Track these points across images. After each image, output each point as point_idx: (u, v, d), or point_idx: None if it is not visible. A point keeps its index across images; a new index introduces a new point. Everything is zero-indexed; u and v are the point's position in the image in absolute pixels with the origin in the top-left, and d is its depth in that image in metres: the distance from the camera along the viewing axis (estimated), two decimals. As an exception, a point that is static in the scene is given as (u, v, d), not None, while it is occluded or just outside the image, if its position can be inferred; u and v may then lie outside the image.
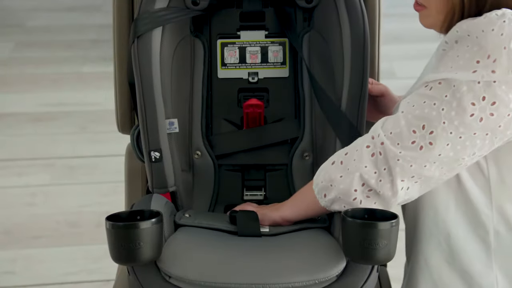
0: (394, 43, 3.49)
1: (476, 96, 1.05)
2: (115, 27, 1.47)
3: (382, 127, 1.13)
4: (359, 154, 1.14)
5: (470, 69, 1.05)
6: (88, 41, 3.99)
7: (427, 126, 1.08)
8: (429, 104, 1.08)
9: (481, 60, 1.04)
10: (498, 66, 1.03)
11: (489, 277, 1.19)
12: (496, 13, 1.05)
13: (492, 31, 1.03)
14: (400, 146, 1.10)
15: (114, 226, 1.09)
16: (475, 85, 1.05)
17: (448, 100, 1.06)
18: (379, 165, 1.12)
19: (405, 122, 1.10)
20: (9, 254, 2.35)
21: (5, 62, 3.74)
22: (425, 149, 1.09)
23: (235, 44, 1.45)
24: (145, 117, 1.34)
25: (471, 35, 1.06)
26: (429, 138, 1.08)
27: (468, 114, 1.06)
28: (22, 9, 4.41)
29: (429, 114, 1.08)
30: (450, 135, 1.07)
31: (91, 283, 2.24)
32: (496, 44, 1.03)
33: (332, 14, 1.38)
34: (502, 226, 1.17)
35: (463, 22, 1.08)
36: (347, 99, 1.34)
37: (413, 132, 1.09)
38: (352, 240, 1.10)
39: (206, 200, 1.44)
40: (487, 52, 1.03)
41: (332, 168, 1.17)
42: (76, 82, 3.55)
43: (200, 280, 1.12)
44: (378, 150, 1.12)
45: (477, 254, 1.19)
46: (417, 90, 1.13)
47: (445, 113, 1.07)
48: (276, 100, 1.45)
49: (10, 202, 2.63)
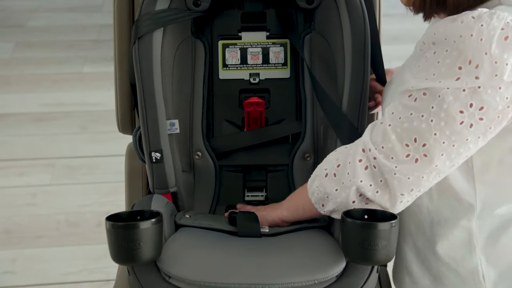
0: (394, 43, 3.49)
1: (463, 104, 1.04)
2: (116, 27, 1.48)
3: (372, 139, 1.12)
4: (352, 168, 1.13)
5: (454, 77, 1.03)
6: (89, 42, 3.99)
7: (419, 138, 1.08)
8: (417, 116, 1.07)
9: (462, 66, 1.02)
10: (481, 72, 1.01)
11: (473, 261, 1.20)
12: (472, 16, 1.03)
13: (471, 37, 1.01)
14: (394, 161, 1.10)
15: (114, 226, 1.10)
16: (460, 93, 1.04)
17: (436, 111, 1.06)
18: (375, 177, 1.12)
19: (396, 136, 1.09)
20: (9, 254, 2.35)
21: (5, 62, 3.74)
22: (420, 161, 1.09)
23: (236, 45, 1.45)
24: (146, 118, 1.34)
25: (448, 39, 1.04)
26: (423, 150, 1.08)
27: (458, 122, 1.05)
28: (23, 10, 4.41)
29: (418, 127, 1.07)
30: (443, 145, 1.07)
31: (91, 283, 2.24)
32: (476, 49, 1.01)
33: (333, 15, 1.38)
34: (485, 213, 1.18)
35: (441, 24, 1.06)
36: (348, 100, 1.35)
37: (406, 146, 1.09)
38: (351, 240, 1.10)
39: (207, 201, 1.44)
40: (468, 57, 1.02)
41: (326, 181, 1.17)
42: (76, 82, 3.55)
43: (199, 280, 1.12)
44: (372, 163, 1.12)
45: (460, 240, 1.20)
46: (400, 99, 1.11)
47: (434, 124, 1.06)
48: (277, 101, 1.45)
49: (10, 202, 2.63)
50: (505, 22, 1.02)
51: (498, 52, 1.01)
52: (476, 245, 1.19)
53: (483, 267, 1.20)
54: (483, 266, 1.20)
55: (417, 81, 1.08)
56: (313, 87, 1.39)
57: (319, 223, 1.28)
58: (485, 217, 1.18)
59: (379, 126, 1.13)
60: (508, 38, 1.01)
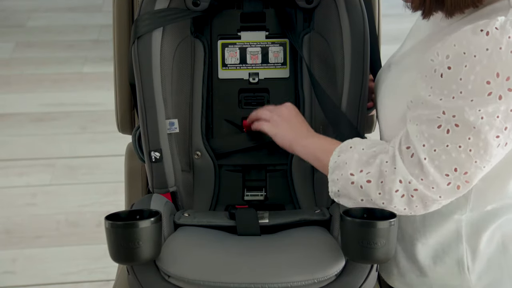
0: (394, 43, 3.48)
1: (498, 129, 1.04)
2: (115, 27, 1.48)
3: (409, 171, 1.10)
4: (388, 194, 1.11)
5: (484, 92, 1.02)
6: (89, 42, 3.99)
7: (459, 168, 1.07)
8: (455, 148, 1.06)
9: (491, 80, 1.01)
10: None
11: (459, 251, 1.22)
12: (495, 27, 1.01)
13: (500, 50, 1.00)
14: (436, 191, 1.09)
15: (113, 226, 1.10)
16: (495, 121, 1.03)
17: (473, 142, 1.05)
18: (410, 203, 1.12)
19: (435, 169, 1.08)
20: (9, 254, 2.36)
21: (5, 62, 3.74)
22: (462, 187, 1.09)
23: (236, 45, 1.45)
24: (145, 117, 1.34)
25: (468, 53, 1.02)
26: (464, 177, 1.08)
27: (495, 147, 1.05)
28: (23, 10, 4.41)
29: (458, 158, 1.06)
30: (484, 168, 1.08)
31: (91, 283, 2.24)
32: (505, 62, 1.00)
33: (332, 14, 1.38)
34: (476, 207, 1.19)
35: (461, 36, 1.03)
36: (348, 99, 1.35)
37: (446, 176, 1.08)
38: (351, 239, 1.10)
39: (206, 200, 1.44)
40: (495, 70, 1.00)
41: (351, 188, 1.15)
42: (76, 82, 3.55)
43: (199, 279, 1.12)
44: (409, 193, 1.11)
45: (449, 231, 1.22)
46: (428, 129, 1.07)
47: (474, 153, 1.05)
48: (276, 100, 1.45)
49: (10, 202, 2.63)
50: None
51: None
52: (463, 235, 1.21)
53: (468, 258, 1.21)
54: (468, 258, 1.21)
55: (445, 102, 1.05)
56: (312, 87, 1.39)
57: (319, 215, 1.29)
58: (476, 210, 1.20)
59: (412, 155, 1.10)
60: None
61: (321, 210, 1.31)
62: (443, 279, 1.25)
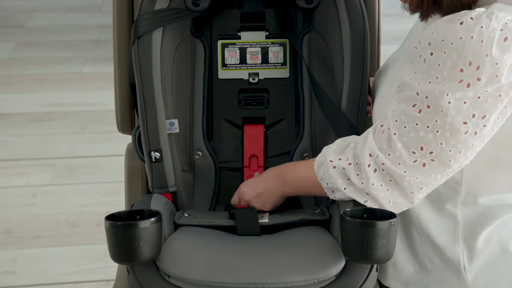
0: (394, 43, 3.48)
1: (466, 116, 1.05)
2: (115, 27, 1.48)
3: (377, 145, 1.13)
4: (363, 171, 1.14)
5: (456, 79, 1.04)
6: (89, 42, 4.00)
7: (425, 147, 1.09)
8: (423, 127, 1.09)
9: (464, 68, 1.03)
10: (483, 73, 1.02)
11: (456, 250, 1.22)
12: (471, 17, 1.03)
13: (472, 39, 1.02)
14: (402, 166, 1.11)
15: (113, 226, 1.10)
16: (462, 106, 1.05)
17: (440, 124, 1.07)
18: (384, 178, 1.14)
19: (402, 145, 1.11)
20: (9, 254, 2.35)
21: (5, 62, 3.74)
22: (428, 165, 1.11)
23: (236, 45, 1.45)
24: (145, 117, 1.34)
25: (445, 41, 1.05)
26: (430, 156, 1.10)
27: (463, 133, 1.07)
28: (23, 9, 4.41)
29: (425, 137, 1.09)
30: (450, 152, 1.09)
31: (91, 283, 2.24)
32: (477, 51, 1.02)
33: (332, 14, 1.38)
34: (469, 200, 1.20)
35: (439, 25, 1.06)
36: (347, 99, 1.35)
37: (413, 153, 1.10)
38: (351, 239, 1.10)
39: (206, 200, 1.44)
40: (468, 59, 1.02)
41: (334, 173, 1.18)
42: (76, 82, 3.55)
43: (199, 279, 1.12)
44: (380, 167, 1.13)
45: (445, 226, 1.23)
46: (404, 107, 1.11)
47: (440, 134, 1.08)
48: (276, 100, 1.45)
49: (10, 202, 2.63)
50: (503, 23, 1.02)
51: (499, 54, 1.01)
52: (460, 234, 1.22)
53: (464, 258, 1.22)
54: (465, 258, 1.22)
55: (421, 86, 1.08)
56: (312, 87, 1.40)
57: (319, 215, 1.29)
58: (468, 204, 1.21)
59: (383, 132, 1.14)
60: (508, 39, 1.02)
61: (321, 210, 1.31)
62: (440, 276, 1.25)
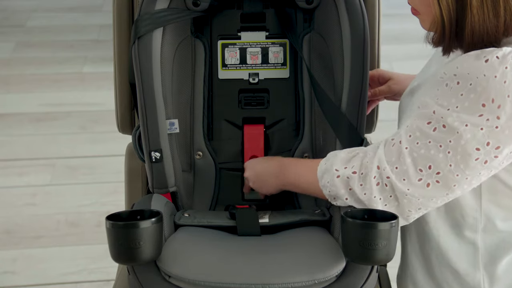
0: (394, 43, 3.49)
1: (480, 142, 1.06)
2: (115, 27, 1.48)
3: (386, 157, 1.13)
4: (368, 187, 1.14)
5: (477, 113, 1.05)
6: (89, 42, 3.99)
7: (433, 167, 1.09)
8: (435, 146, 1.09)
9: (486, 104, 1.04)
10: (503, 112, 1.03)
11: (476, 276, 1.22)
12: (497, 56, 1.04)
13: (495, 78, 1.03)
14: (407, 183, 1.11)
15: (114, 226, 1.10)
16: (478, 132, 1.05)
17: (453, 145, 1.07)
18: (384, 193, 1.14)
19: (411, 160, 1.11)
20: (9, 254, 2.36)
21: (5, 62, 3.74)
22: (432, 186, 1.11)
23: (236, 45, 1.45)
24: (145, 118, 1.34)
25: (471, 74, 1.05)
26: (436, 177, 1.10)
27: (473, 159, 1.07)
28: (23, 9, 4.41)
29: (435, 156, 1.09)
30: (457, 177, 1.09)
31: (91, 283, 2.24)
32: (499, 91, 1.03)
33: (332, 14, 1.38)
34: (489, 227, 1.20)
35: (465, 59, 1.07)
36: (347, 100, 1.35)
37: (420, 171, 1.11)
38: (351, 240, 1.10)
39: (206, 200, 1.45)
40: (491, 96, 1.03)
41: (338, 184, 1.18)
42: (76, 82, 3.55)
43: (199, 280, 1.12)
44: (384, 181, 1.13)
45: (465, 253, 1.22)
46: (419, 124, 1.11)
47: (451, 156, 1.08)
48: (276, 101, 1.45)
49: (10, 202, 2.63)
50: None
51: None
52: (480, 260, 1.21)
53: (485, 284, 1.21)
54: (486, 284, 1.21)
55: (439, 108, 1.08)
56: (312, 87, 1.40)
57: (318, 216, 1.29)
58: (488, 231, 1.20)
59: (394, 144, 1.14)
60: None
61: (321, 210, 1.31)
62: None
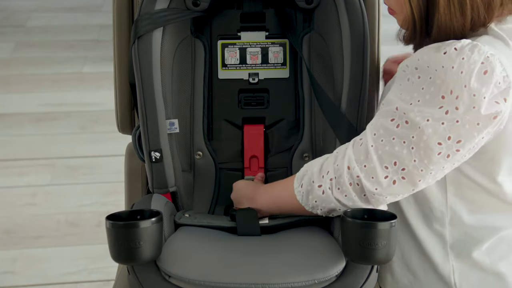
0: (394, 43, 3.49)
1: (441, 136, 1.07)
2: (115, 27, 1.48)
3: (355, 157, 1.14)
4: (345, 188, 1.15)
5: (437, 105, 1.06)
6: (89, 42, 4.00)
7: (398, 163, 1.11)
8: (399, 142, 1.10)
9: (445, 95, 1.05)
10: (461, 103, 1.04)
11: (446, 268, 1.24)
12: (455, 47, 1.05)
13: (452, 69, 1.04)
14: (374, 181, 1.13)
15: (114, 226, 1.10)
16: (439, 127, 1.06)
17: (416, 141, 1.09)
18: (359, 193, 1.15)
19: (377, 158, 1.12)
20: (9, 254, 2.36)
21: (5, 62, 3.74)
22: (398, 183, 1.12)
23: (236, 45, 1.45)
24: (145, 117, 1.34)
25: (430, 67, 1.07)
26: (402, 173, 1.11)
27: (436, 153, 1.08)
28: (23, 9, 4.41)
29: (399, 152, 1.10)
30: (421, 172, 1.10)
31: (91, 283, 2.24)
32: (456, 81, 1.04)
33: (332, 14, 1.38)
34: (456, 222, 1.22)
35: (425, 51, 1.09)
36: (347, 100, 1.35)
37: (385, 168, 1.12)
38: (351, 240, 1.10)
39: (206, 200, 1.45)
40: (449, 87, 1.05)
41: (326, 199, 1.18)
42: (76, 82, 3.55)
43: (199, 279, 1.12)
44: (355, 181, 1.15)
45: (436, 244, 1.24)
46: (383, 121, 1.13)
47: (414, 152, 1.09)
48: (276, 101, 1.45)
49: (10, 202, 2.63)
50: (485, 57, 1.04)
51: (477, 86, 1.03)
52: (449, 253, 1.23)
53: (455, 277, 1.23)
54: (456, 277, 1.23)
55: (402, 104, 1.10)
56: (312, 87, 1.40)
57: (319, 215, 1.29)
58: (455, 224, 1.22)
59: (362, 144, 1.15)
60: (487, 72, 1.04)
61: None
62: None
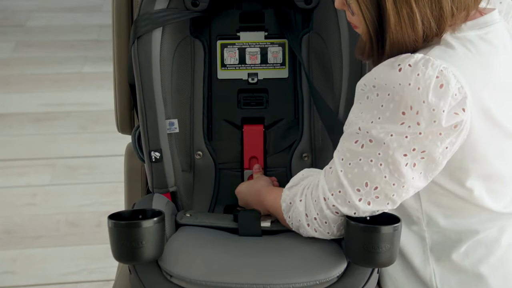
0: (393, 44, 3.48)
1: (406, 148, 1.07)
2: (115, 27, 1.48)
3: (328, 185, 1.14)
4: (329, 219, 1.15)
5: (398, 122, 1.06)
6: (89, 41, 3.99)
7: (370, 183, 1.10)
8: (366, 162, 1.10)
9: (406, 111, 1.06)
10: (421, 118, 1.05)
11: (427, 270, 1.24)
12: (409, 64, 1.05)
13: (409, 86, 1.04)
14: (351, 206, 1.12)
15: (116, 225, 1.10)
16: (403, 140, 1.07)
17: (383, 157, 1.08)
18: (338, 221, 1.15)
19: (347, 182, 1.12)
20: (9, 254, 2.35)
21: (5, 62, 3.74)
22: (373, 203, 1.12)
23: (235, 45, 1.45)
24: (145, 118, 1.34)
25: (388, 84, 1.07)
26: (374, 193, 1.11)
27: (403, 165, 1.08)
28: (23, 9, 4.41)
29: (368, 172, 1.10)
30: (394, 186, 1.10)
31: (91, 283, 2.24)
32: (414, 98, 1.04)
33: (331, 15, 1.38)
34: (431, 224, 1.23)
35: (381, 69, 1.09)
36: (345, 101, 1.35)
37: (357, 191, 1.11)
38: (354, 243, 1.10)
39: (206, 200, 1.45)
40: (409, 103, 1.05)
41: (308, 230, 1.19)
42: (76, 82, 3.55)
43: (201, 279, 1.12)
44: (334, 210, 1.14)
45: (417, 247, 1.25)
46: (347, 145, 1.12)
47: (383, 167, 1.09)
48: (275, 101, 1.45)
49: (10, 202, 2.63)
50: (439, 70, 1.05)
51: (435, 100, 1.04)
52: (430, 256, 1.24)
53: (436, 280, 1.23)
54: (437, 279, 1.23)
55: (363, 123, 1.10)
56: (310, 90, 1.40)
57: None
58: (433, 226, 1.23)
59: (332, 171, 1.15)
60: (443, 86, 1.04)
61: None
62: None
